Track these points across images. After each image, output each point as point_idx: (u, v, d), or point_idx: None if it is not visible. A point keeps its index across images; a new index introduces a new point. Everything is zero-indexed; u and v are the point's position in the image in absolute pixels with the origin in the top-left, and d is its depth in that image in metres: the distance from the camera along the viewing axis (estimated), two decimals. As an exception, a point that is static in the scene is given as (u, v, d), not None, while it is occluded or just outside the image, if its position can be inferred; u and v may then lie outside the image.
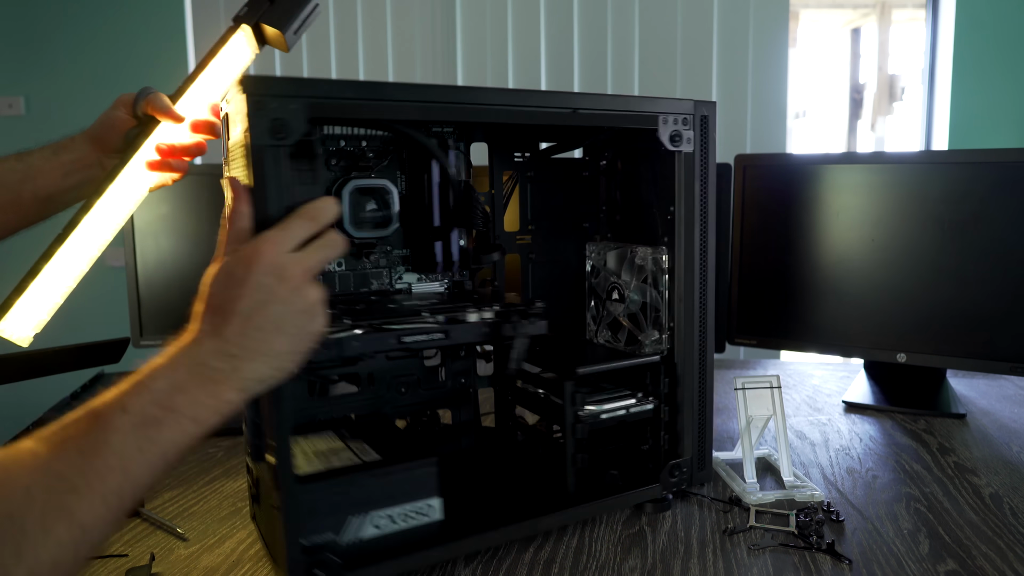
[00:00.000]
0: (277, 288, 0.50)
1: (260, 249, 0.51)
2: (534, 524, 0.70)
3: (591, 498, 0.74)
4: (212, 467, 0.93)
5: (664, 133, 0.74)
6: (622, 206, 0.86)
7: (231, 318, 0.49)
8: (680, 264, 0.77)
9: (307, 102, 0.56)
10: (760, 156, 1.24)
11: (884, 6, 3.73)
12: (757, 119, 2.31)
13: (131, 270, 1.23)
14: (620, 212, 0.87)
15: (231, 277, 0.50)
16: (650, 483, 0.77)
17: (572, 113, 0.69)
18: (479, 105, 0.65)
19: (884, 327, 1.15)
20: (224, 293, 0.50)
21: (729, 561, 0.68)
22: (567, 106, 0.68)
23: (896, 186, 1.12)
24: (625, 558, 0.69)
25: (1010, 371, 1.06)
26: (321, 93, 0.58)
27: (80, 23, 2.57)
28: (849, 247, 1.16)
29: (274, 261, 0.51)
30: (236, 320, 0.49)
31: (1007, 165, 1.05)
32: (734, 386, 0.88)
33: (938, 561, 0.67)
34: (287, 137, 0.55)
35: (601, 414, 0.74)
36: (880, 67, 3.83)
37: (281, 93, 0.55)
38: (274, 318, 0.50)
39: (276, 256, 0.51)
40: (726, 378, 1.33)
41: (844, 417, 1.10)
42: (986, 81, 2.22)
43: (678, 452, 0.79)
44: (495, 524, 0.68)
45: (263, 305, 0.50)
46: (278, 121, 0.54)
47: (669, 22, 2.31)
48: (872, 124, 3.84)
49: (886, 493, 0.82)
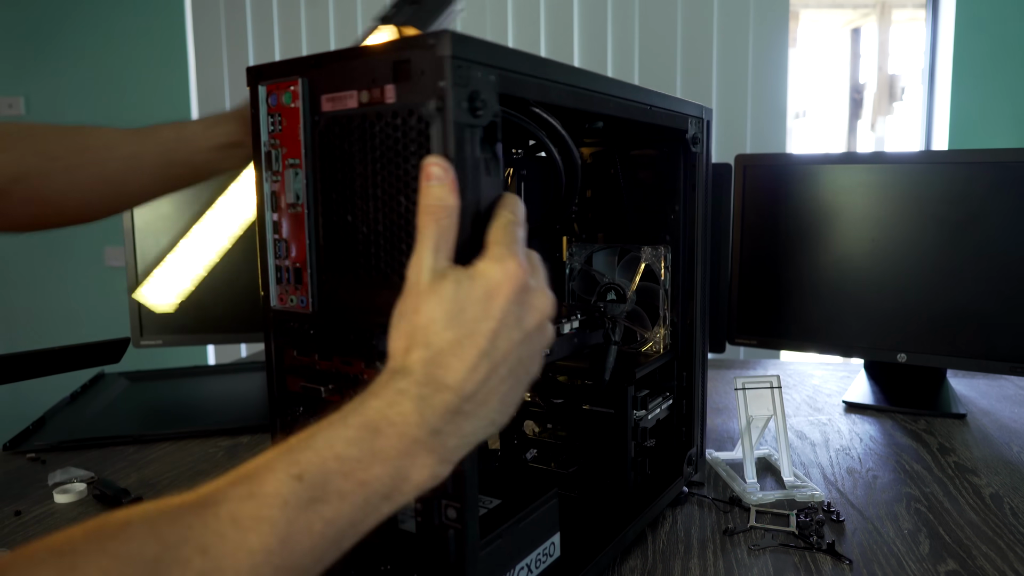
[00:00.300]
0: (525, 323, 0.40)
1: (508, 274, 0.39)
2: (623, 538, 0.68)
3: (649, 500, 0.73)
4: (212, 467, 0.93)
5: (689, 134, 0.75)
6: (608, 206, 0.86)
7: (463, 365, 0.38)
8: (693, 260, 0.77)
9: (501, 76, 0.46)
10: (760, 156, 1.24)
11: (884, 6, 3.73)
12: (757, 119, 2.31)
13: (131, 270, 1.23)
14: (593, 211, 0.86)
15: (464, 312, 0.38)
16: (675, 477, 0.78)
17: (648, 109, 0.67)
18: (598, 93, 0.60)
19: (884, 327, 1.15)
20: (452, 332, 0.38)
21: (729, 561, 0.68)
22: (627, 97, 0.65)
23: (896, 186, 1.12)
24: (625, 558, 0.69)
25: (1010, 371, 1.06)
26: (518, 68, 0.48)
27: (80, 23, 2.57)
28: (849, 247, 1.16)
29: (522, 288, 0.40)
30: (471, 368, 0.38)
31: (1007, 165, 1.05)
32: (734, 386, 0.88)
33: (938, 561, 0.67)
34: (484, 115, 0.44)
35: (648, 415, 0.75)
36: (880, 67, 3.84)
37: (481, 60, 0.44)
38: (514, 363, 0.40)
39: (524, 281, 0.40)
40: (726, 378, 1.33)
41: (844, 417, 1.10)
42: (986, 81, 2.22)
43: (692, 443, 0.80)
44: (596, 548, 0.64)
45: (509, 348, 0.39)
46: (476, 95, 0.44)
47: (669, 22, 2.31)
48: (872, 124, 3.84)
49: (886, 493, 0.82)
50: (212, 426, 1.06)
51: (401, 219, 0.45)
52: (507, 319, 0.39)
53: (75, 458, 0.96)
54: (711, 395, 1.21)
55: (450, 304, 0.38)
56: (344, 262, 0.49)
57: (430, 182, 0.41)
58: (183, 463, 0.94)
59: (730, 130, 2.32)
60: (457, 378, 0.38)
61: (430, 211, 0.40)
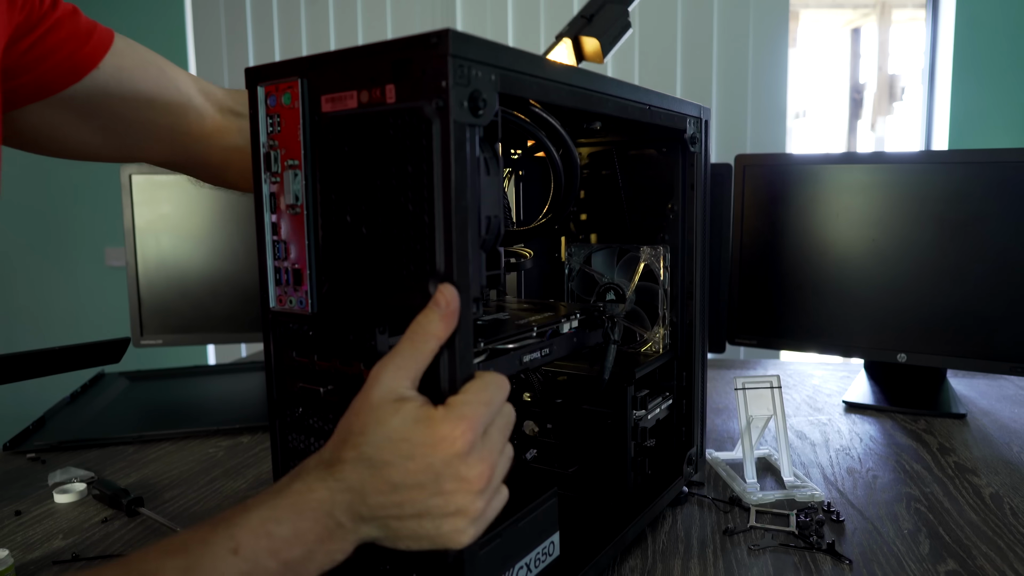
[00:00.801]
0: (445, 485, 0.40)
1: (453, 436, 0.40)
2: (623, 538, 0.67)
3: (649, 500, 0.73)
4: (212, 467, 0.93)
5: (687, 134, 0.75)
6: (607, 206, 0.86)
7: (383, 486, 0.40)
8: (692, 260, 0.78)
9: (501, 75, 0.46)
10: (760, 156, 1.24)
11: (884, 6, 3.73)
12: (757, 119, 2.31)
13: (131, 270, 1.23)
14: (592, 211, 0.86)
15: (406, 441, 0.40)
16: (674, 477, 0.78)
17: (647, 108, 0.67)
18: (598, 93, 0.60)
19: (884, 327, 1.15)
20: (388, 452, 0.40)
21: (729, 561, 0.68)
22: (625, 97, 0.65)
23: (896, 186, 1.12)
24: (625, 558, 0.69)
25: (1010, 371, 1.06)
26: (518, 67, 0.47)
27: (80, 23, 2.57)
28: (849, 247, 1.16)
29: (458, 455, 0.40)
30: (388, 492, 0.40)
31: (1007, 165, 1.05)
32: (734, 386, 0.88)
33: (938, 561, 0.67)
34: (484, 115, 0.44)
35: (648, 415, 0.74)
36: (880, 67, 3.84)
37: (482, 59, 0.44)
38: (430, 512, 0.41)
39: (463, 448, 0.40)
40: (726, 378, 1.33)
41: (844, 417, 1.10)
42: (986, 81, 2.22)
43: (692, 443, 0.80)
44: (595, 547, 0.64)
45: (426, 496, 0.40)
46: (478, 94, 0.43)
47: (669, 22, 2.31)
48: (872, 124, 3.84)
49: (886, 493, 0.82)
50: (212, 426, 1.06)
51: (402, 220, 0.45)
52: (431, 470, 0.40)
53: (75, 458, 0.96)
54: (711, 395, 1.21)
55: (390, 431, 0.40)
56: (344, 263, 0.49)
57: (431, 308, 0.42)
58: (183, 463, 0.94)
59: (730, 130, 2.32)
60: (371, 490, 0.40)
61: (416, 333, 0.42)
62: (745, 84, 2.30)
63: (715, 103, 2.32)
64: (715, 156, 2.33)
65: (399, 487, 0.40)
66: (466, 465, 0.41)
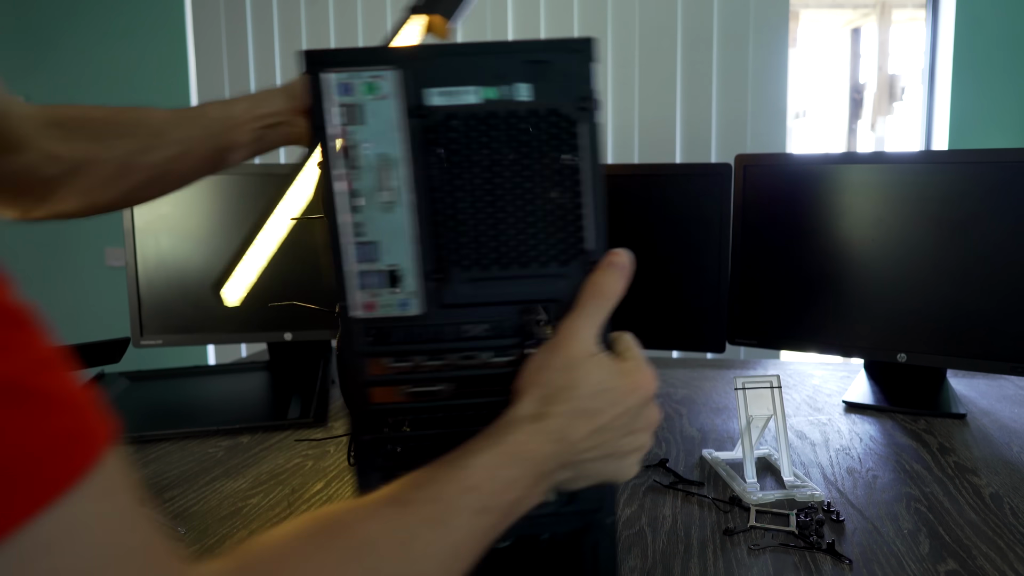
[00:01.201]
0: (637, 424, 0.48)
1: (646, 383, 0.48)
2: None
3: None
4: (212, 467, 0.93)
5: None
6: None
7: (591, 433, 0.45)
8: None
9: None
10: (760, 156, 1.24)
11: (884, 6, 3.73)
12: (757, 119, 2.31)
13: (131, 270, 1.23)
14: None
15: (613, 391, 0.46)
16: None
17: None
18: None
19: (884, 327, 1.14)
20: (599, 401, 0.46)
21: (729, 561, 0.68)
22: None
23: (896, 186, 1.12)
24: (625, 558, 0.69)
25: (1010, 371, 1.06)
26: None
27: (80, 23, 2.57)
28: (849, 247, 1.16)
29: (649, 398, 0.48)
30: (593, 436, 0.45)
31: (1007, 165, 1.05)
32: (734, 386, 0.88)
33: (938, 561, 0.67)
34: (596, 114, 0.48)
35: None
36: (880, 67, 3.83)
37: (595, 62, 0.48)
38: (614, 447, 0.47)
39: (652, 394, 0.48)
40: (726, 378, 1.33)
41: (844, 417, 1.10)
42: (986, 81, 2.22)
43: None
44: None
45: (618, 436, 0.47)
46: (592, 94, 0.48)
47: (669, 22, 2.31)
48: (872, 124, 3.84)
49: (886, 493, 0.82)
50: (212, 426, 1.06)
51: (535, 213, 0.48)
52: (629, 413, 0.47)
53: (75, 458, 0.96)
54: (711, 395, 1.21)
55: (597, 383, 0.46)
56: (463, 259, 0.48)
57: (611, 268, 0.48)
58: (183, 463, 0.94)
59: (730, 130, 2.32)
60: (578, 437, 0.45)
61: (602, 293, 0.47)
62: (745, 84, 2.30)
63: (715, 103, 2.32)
64: (715, 156, 2.33)
65: (603, 430, 0.45)
66: (650, 407, 0.48)
